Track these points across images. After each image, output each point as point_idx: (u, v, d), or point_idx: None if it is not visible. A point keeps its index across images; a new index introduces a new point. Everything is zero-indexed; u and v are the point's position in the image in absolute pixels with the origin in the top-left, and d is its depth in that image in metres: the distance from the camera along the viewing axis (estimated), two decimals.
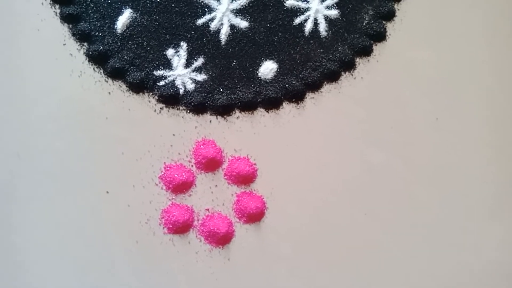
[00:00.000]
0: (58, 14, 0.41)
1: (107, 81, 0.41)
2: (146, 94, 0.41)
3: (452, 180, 0.43)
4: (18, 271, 0.40)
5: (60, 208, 0.40)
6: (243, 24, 0.42)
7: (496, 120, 0.44)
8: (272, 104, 0.42)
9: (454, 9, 0.44)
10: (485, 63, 0.44)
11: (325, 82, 0.43)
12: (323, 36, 0.43)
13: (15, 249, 0.40)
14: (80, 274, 0.40)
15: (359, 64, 0.43)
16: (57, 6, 0.41)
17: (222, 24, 0.42)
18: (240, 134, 0.42)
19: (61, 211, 0.40)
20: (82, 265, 0.40)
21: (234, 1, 0.42)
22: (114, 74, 0.41)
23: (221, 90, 0.42)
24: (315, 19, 0.43)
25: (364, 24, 0.43)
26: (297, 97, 0.42)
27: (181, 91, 0.41)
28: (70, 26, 0.41)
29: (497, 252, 0.43)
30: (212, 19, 0.42)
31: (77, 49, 0.41)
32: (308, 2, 0.43)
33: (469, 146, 0.43)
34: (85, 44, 0.41)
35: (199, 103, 0.41)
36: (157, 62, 0.41)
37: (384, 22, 0.44)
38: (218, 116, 0.42)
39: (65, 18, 0.41)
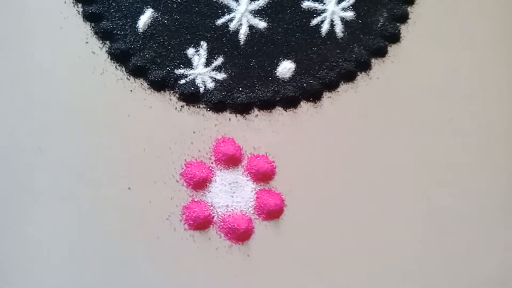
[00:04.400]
0: (80, 13, 0.41)
1: (129, 79, 0.41)
2: (167, 92, 0.42)
3: (466, 180, 0.44)
4: (39, 266, 0.40)
5: (82, 204, 0.41)
6: (261, 24, 0.43)
7: (511, 120, 0.44)
8: (290, 103, 0.43)
9: (466, 11, 0.45)
10: (498, 64, 0.45)
11: (342, 82, 0.44)
12: (339, 37, 0.44)
13: (36, 244, 0.40)
14: (101, 270, 0.41)
15: (374, 64, 0.44)
16: (80, 5, 0.42)
17: (241, 24, 0.43)
18: (259, 132, 0.42)
19: (83, 207, 0.41)
20: (104, 261, 0.41)
21: (252, 2, 0.43)
22: (136, 72, 0.41)
23: (240, 89, 0.42)
24: (332, 21, 0.44)
25: (379, 26, 0.44)
26: (315, 96, 0.43)
27: (201, 90, 0.42)
28: (93, 24, 0.41)
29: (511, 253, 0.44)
30: (231, 20, 0.43)
31: (99, 47, 0.41)
32: (324, 3, 0.44)
33: (483, 146, 0.44)
34: (107, 42, 0.41)
35: (219, 101, 0.42)
36: (178, 61, 0.42)
37: (398, 24, 0.45)
38: (238, 114, 0.42)
39: (88, 16, 0.41)
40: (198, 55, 0.42)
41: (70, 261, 0.41)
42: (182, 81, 0.42)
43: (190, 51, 0.42)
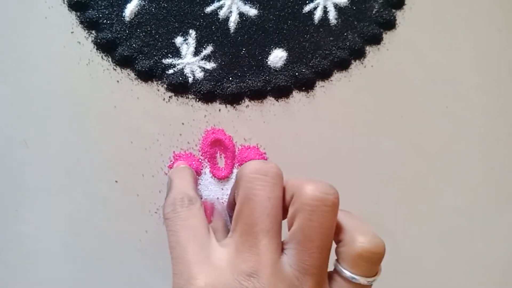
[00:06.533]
0: (65, 2, 0.40)
1: (115, 69, 0.40)
2: (155, 82, 0.41)
3: (463, 168, 0.43)
4: (27, 261, 0.40)
5: (68, 197, 0.40)
6: (252, 11, 0.42)
7: (508, 108, 0.43)
8: (282, 92, 0.42)
9: None
10: (497, 51, 0.44)
11: (335, 71, 0.42)
12: (333, 24, 0.43)
13: (24, 239, 0.40)
14: (89, 264, 0.40)
15: (369, 52, 0.43)
16: None
17: (231, 11, 0.42)
18: (249, 123, 0.41)
19: (69, 201, 0.40)
20: (91, 255, 0.40)
21: None
22: (123, 62, 0.40)
23: (230, 78, 0.41)
24: (325, 7, 0.42)
25: (374, 12, 0.43)
26: (307, 86, 0.42)
27: (190, 80, 0.41)
28: (78, 13, 0.40)
29: (509, 243, 0.43)
30: (221, 7, 0.41)
31: (85, 37, 0.40)
32: None
33: (480, 134, 0.43)
34: (93, 32, 0.40)
35: (208, 91, 0.41)
36: (165, 50, 0.41)
37: (393, 10, 0.43)
38: (228, 105, 0.41)
39: (73, 5, 0.40)
40: (186, 44, 0.41)
41: (58, 257, 0.40)
42: (170, 71, 0.41)
43: (178, 40, 0.41)
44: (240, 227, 0.26)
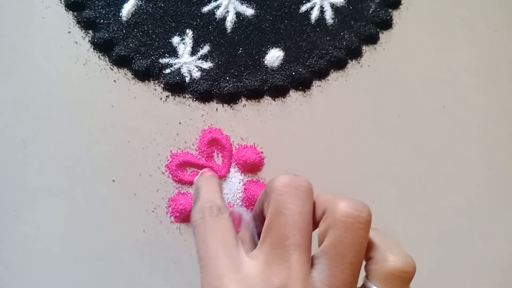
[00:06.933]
0: (62, 2, 0.41)
1: (112, 69, 0.41)
2: (152, 82, 0.41)
3: (461, 168, 0.43)
4: (27, 261, 0.40)
5: (65, 197, 0.40)
6: (249, 11, 0.42)
7: (506, 107, 0.43)
8: (279, 92, 0.42)
9: None
10: (494, 51, 0.43)
11: (332, 70, 0.43)
12: (330, 23, 0.43)
13: (24, 239, 0.40)
14: (87, 264, 0.40)
15: (365, 52, 0.43)
16: None
17: (227, 11, 0.42)
18: (246, 122, 0.41)
19: (67, 200, 0.40)
20: (89, 255, 0.40)
21: None
22: (120, 62, 0.41)
23: (227, 78, 0.41)
24: (321, 7, 0.43)
25: (370, 12, 0.43)
26: (304, 85, 0.42)
27: (187, 79, 0.41)
28: (75, 13, 0.41)
29: (508, 243, 0.43)
30: (217, 7, 0.42)
31: (82, 36, 0.40)
32: None
33: (478, 134, 0.43)
34: (90, 31, 0.41)
35: (205, 91, 0.41)
36: (162, 50, 0.41)
37: (390, 10, 0.44)
38: (225, 104, 0.41)
39: (70, 5, 0.40)
40: (183, 43, 0.41)
41: (58, 257, 0.40)
42: (167, 71, 0.41)
43: (175, 39, 0.41)
44: (271, 240, 0.26)
